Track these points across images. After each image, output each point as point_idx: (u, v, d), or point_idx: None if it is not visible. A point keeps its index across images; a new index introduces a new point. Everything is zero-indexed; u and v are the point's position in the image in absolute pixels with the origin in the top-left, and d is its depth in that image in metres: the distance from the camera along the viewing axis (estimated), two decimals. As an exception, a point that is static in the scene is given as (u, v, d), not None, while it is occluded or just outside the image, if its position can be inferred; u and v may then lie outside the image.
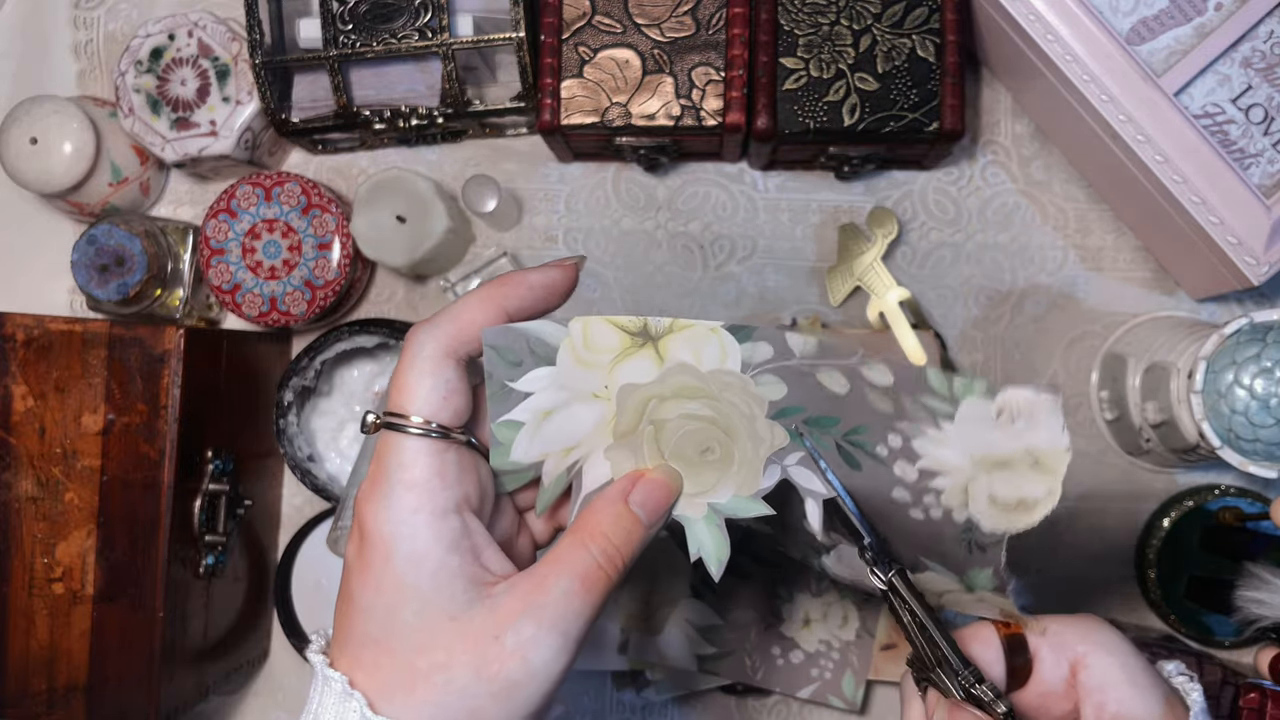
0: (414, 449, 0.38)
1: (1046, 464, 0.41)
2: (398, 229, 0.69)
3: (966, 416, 0.41)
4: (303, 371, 0.68)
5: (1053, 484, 0.41)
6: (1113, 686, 0.41)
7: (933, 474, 0.42)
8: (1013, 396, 0.41)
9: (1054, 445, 0.41)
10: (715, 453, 0.42)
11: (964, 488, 0.42)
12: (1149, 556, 0.70)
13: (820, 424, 0.42)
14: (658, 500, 0.41)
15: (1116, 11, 0.63)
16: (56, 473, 0.61)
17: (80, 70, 0.78)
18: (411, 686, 0.36)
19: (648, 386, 0.41)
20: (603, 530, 0.39)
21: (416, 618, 0.37)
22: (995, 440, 0.41)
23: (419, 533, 0.37)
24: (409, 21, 0.68)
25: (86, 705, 0.62)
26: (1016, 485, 0.41)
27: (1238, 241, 0.62)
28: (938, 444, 0.42)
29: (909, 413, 0.42)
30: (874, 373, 0.42)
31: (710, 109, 0.66)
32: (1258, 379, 0.60)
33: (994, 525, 0.42)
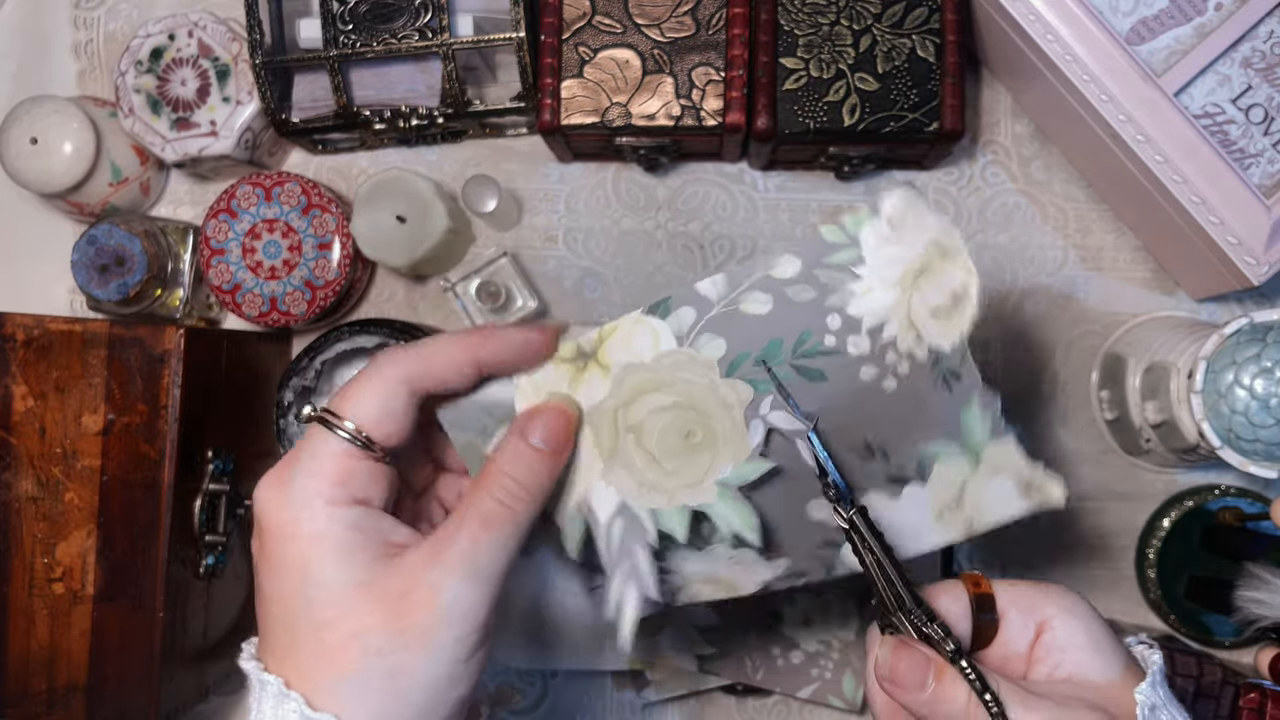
0: (331, 448, 0.38)
1: (948, 246, 0.42)
2: (398, 229, 0.69)
3: (870, 246, 0.42)
4: (303, 371, 0.68)
5: (964, 261, 0.42)
6: (1074, 649, 0.41)
7: (878, 328, 0.42)
8: (888, 203, 0.42)
9: (941, 226, 0.42)
10: (697, 434, 0.42)
11: (907, 320, 0.42)
12: (1149, 556, 0.70)
13: (769, 357, 0.42)
14: (555, 427, 0.41)
15: (1116, 11, 0.63)
16: (56, 473, 0.61)
17: (80, 70, 0.78)
18: (330, 662, 0.36)
19: (607, 400, 0.42)
20: (502, 469, 0.40)
21: (321, 592, 0.37)
22: (901, 254, 0.42)
23: (317, 514, 0.37)
24: (409, 21, 0.68)
25: (86, 705, 0.62)
26: (941, 283, 0.42)
27: (1238, 241, 0.62)
28: (865, 294, 0.42)
29: (828, 283, 0.42)
30: (781, 268, 0.42)
31: (710, 109, 0.66)
32: (1258, 379, 0.60)
33: (948, 338, 0.42)
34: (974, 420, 0.43)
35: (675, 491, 0.43)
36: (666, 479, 0.43)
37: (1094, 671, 0.41)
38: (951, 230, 0.42)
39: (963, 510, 0.44)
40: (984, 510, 0.44)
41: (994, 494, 0.44)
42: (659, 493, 0.43)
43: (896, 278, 0.42)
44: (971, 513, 0.44)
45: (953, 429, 0.44)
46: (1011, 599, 0.43)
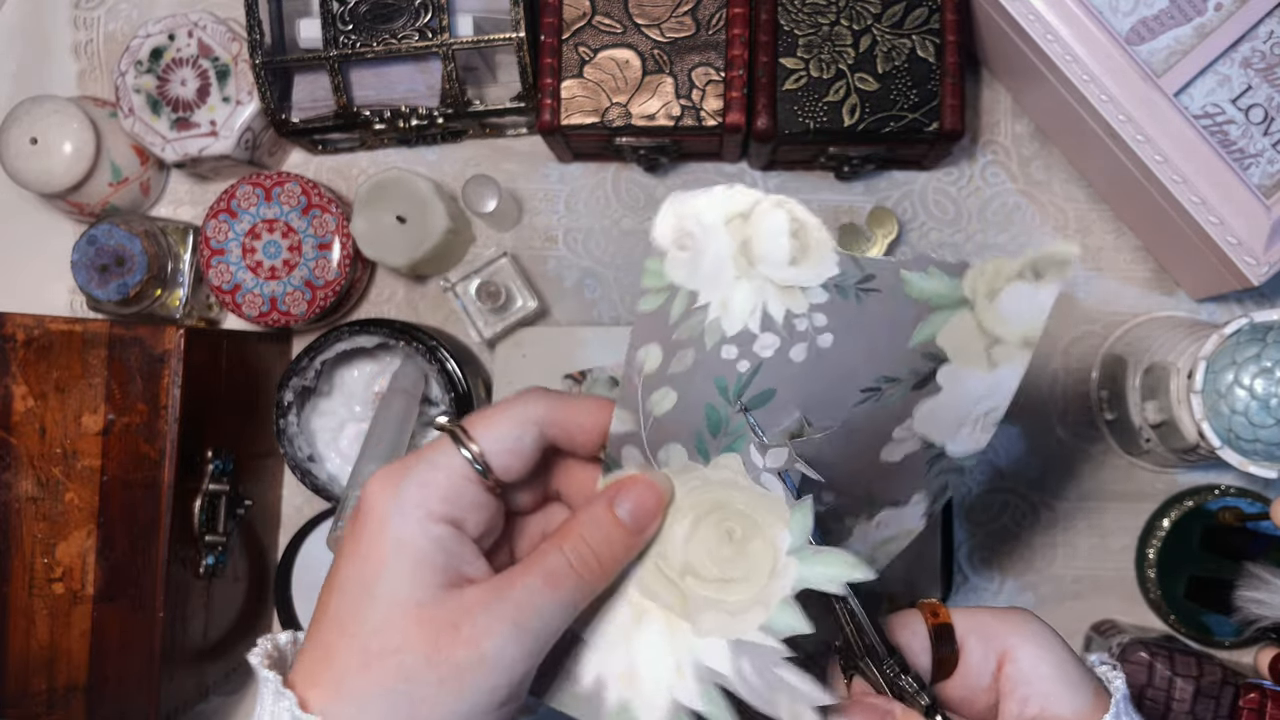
0: (450, 463, 0.39)
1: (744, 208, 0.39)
2: (398, 229, 0.69)
3: (685, 278, 0.40)
4: (303, 371, 0.68)
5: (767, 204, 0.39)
6: (1039, 680, 0.40)
7: (767, 318, 0.40)
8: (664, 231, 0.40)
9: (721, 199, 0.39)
10: (735, 529, 0.40)
11: (777, 289, 0.40)
12: (1149, 556, 0.70)
13: (714, 425, 0.41)
14: (643, 502, 0.40)
15: (1116, 11, 0.63)
16: (56, 473, 0.61)
17: (80, 70, 0.78)
18: (366, 671, 0.36)
19: (643, 568, 0.41)
20: (579, 532, 0.39)
21: (383, 600, 0.37)
22: (716, 253, 0.40)
23: (411, 522, 0.38)
24: (409, 21, 0.68)
25: (86, 705, 0.62)
26: (769, 238, 0.39)
27: (1238, 241, 0.62)
28: (725, 310, 0.40)
29: (692, 335, 0.40)
30: (649, 362, 0.40)
31: (710, 109, 0.66)
32: (1258, 379, 0.60)
33: (824, 266, 0.39)
34: (924, 286, 0.40)
35: (764, 594, 0.40)
36: (747, 587, 0.40)
37: (1062, 704, 0.39)
38: (732, 193, 0.39)
39: (1003, 340, 0.40)
40: (1021, 323, 0.40)
41: (1013, 307, 0.40)
42: (754, 606, 0.40)
43: (732, 273, 0.39)
44: (1013, 334, 0.40)
45: (918, 311, 0.40)
46: (970, 628, 0.41)
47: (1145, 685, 0.63)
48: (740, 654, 0.39)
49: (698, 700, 0.39)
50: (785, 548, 0.40)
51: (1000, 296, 0.39)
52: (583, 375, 0.70)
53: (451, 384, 0.68)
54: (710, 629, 0.40)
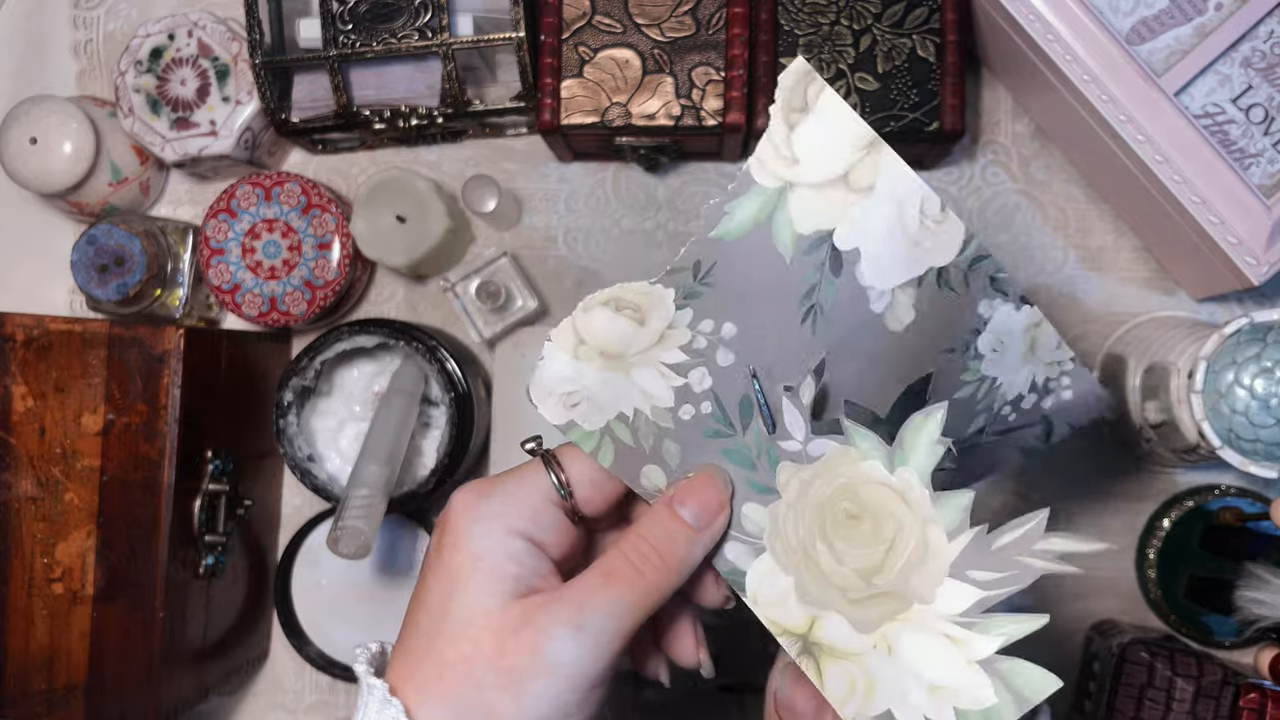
0: (537, 485, 0.40)
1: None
2: (398, 229, 0.69)
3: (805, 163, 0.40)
4: (303, 371, 0.68)
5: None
6: None
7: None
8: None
9: None
10: (845, 505, 0.39)
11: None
12: (1149, 556, 0.70)
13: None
14: (703, 499, 0.40)
15: (1116, 11, 0.63)
16: (56, 473, 0.61)
17: (80, 70, 0.78)
18: (440, 675, 0.37)
19: (806, 583, 0.40)
20: (638, 530, 0.39)
21: (458, 610, 0.37)
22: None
23: (491, 535, 0.38)
24: (409, 21, 0.68)
25: (86, 705, 0.62)
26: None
27: (1238, 241, 0.62)
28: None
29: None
30: None
31: (710, 109, 0.66)
32: (1258, 379, 0.60)
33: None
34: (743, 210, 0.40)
35: (919, 516, 0.39)
36: (907, 534, 0.39)
37: None
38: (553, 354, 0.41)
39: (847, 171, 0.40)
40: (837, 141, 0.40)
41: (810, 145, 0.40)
42: (928, 530, 0.38)
43: (620, 380, 0.41)
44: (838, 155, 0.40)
45: (764, 236, 0.40)
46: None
47: (1145, 685, 0.63)
48: (964, 572, 0.38)
49: (988, 640, 0.37)
50: (885, 470, 0.39)
51: (798, 153, 0.40)
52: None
53: (451, 384, 0.68)
54: (929, 586, 0.38)
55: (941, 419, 0.38)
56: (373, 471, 0.63)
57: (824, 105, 0.39)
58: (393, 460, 0.65)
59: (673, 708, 0.72)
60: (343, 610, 0.72)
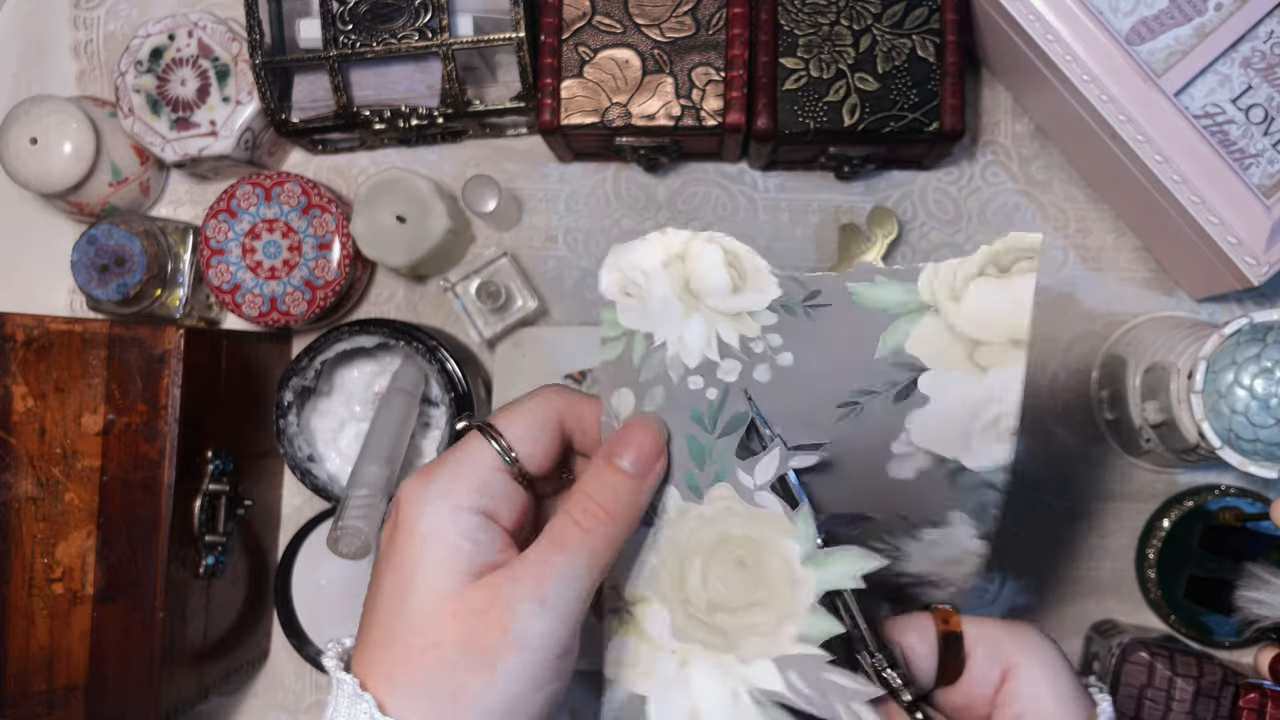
0: (479, 458, 0.39)
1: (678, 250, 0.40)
2: (398, 229, 0.69)
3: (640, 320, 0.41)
4: (303, 371, 0.68)
5: (699, 240, 0.40)
6: (1037, 698, 0.40)
7: (719, 343, 0.41)
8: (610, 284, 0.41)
9: (656, 245, 0.40)
10: (744, 554, 0.41)
11: (727, 316, 0.41)
12: (1149, 556, 0.70)
13: (700, 455, 0.41)
14: (641, 446, 0.40)
15: (1116, 11, 0.63)
16: (56, 473, 0.61)
17: (80, 70, 0.78)
18: (409, 669, 0.37)
19: (676, 618, 0.41)
20: (583, 489, 0.39)
21: (419, 597, 0.37)
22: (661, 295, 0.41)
23: (441, 515, 0.38)
24: (409, 21, 0.68)
25: (86, 705, 0.62)
26: (708, 272, 0.40)
27: (1238, 241, 0.62)
28: (681, 345, 0.41)
29: (657, 373, 0.41)
30: (619, 407, 0.42)
31: (710, 109, 0.66)
32: (1258, 379, 0.60)
33: (765, 291, 0.40)
34: (875, 295, 0.39)
35: (791, 605, 0.40)
36: (773, 605, 0.41)
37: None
38: (665, 238, 0.40)
39: (986, 342, 0.39)
40: (996, 322, 0.38)
41: (982, 308, 0.38)
42: (784, 620, 0.40)
43: (680, 311, 0.41)
44: (993, 335, 0.39)
45: (876, 320, 0.40)
46: (980, 638, 0.42)
47: (1145, 685, 0.63)
48: (787, 669, 0.40)
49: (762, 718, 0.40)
50: (798, 558, 0.40)
51: (966, 297, 0.38)
52: (583, 375, 0.70)
53: (451, 384, 0.68)
54: (753, 653, 0.40)
55: (873, 568, 0.40)
56: (373, 471, 0.63)
57: (1020, 284, 0.38)
58: (393, 460, 0.65)
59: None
60: (343, 610, 0.72)
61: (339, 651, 0.40)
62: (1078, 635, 0.72)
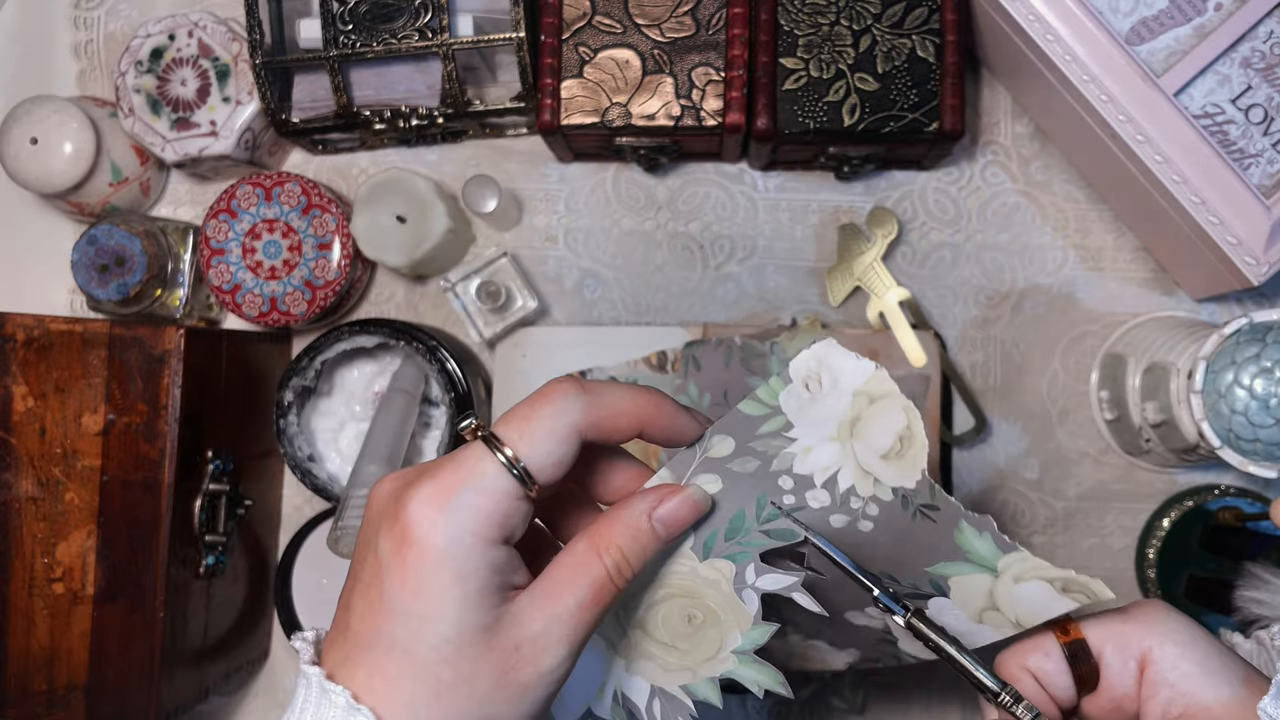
0: (497, 482, 0.38)
1: (876, 391, 0.42)
2: (398, 229, 0.69)
3: (794, 410, 0.42)
4: (303, 371, 0.68)
5: (897, 401, 0.42)
6: (1182, 678, 0.39)
7: (831, 479, 0.43)
8: (801, 367, 0.42)
9: (864, 372, 0.42)
10: (698, 616, 0.43)
11: (858, 468, 0.42)
12: (1149, 556, 0.70)
13: (734, 531, 0.43)
14: (681, 518, 0.41)
15: (1116, 11, 0.63)
16: (56, 473, 0.61)
17: (80, 70, 0.78)
18: (436, 696, 0.37)
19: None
20: (617, 543, 0.40)
21: (453, 630, 0.37)
22: (828, 410, 0.42)
23: (472, 552, 0.37)
24: (409, 21, 0.68)
25: (86, 705, 0.62)
26: (880, 428, 0.42)
27: (1237, 241, 0.62)
28: (806, 453, 0.43)
29: (767, 450, 0.43)
30: (717, 448, 0.43)
31: (710, 109, 0.66)
32: (1257, 379, 0.60)
33: (907, 477, 0.42)
34: (972, 541, 0.42)
35: (697, 667, 0.43)
36: (685, 658, 0.43)
37: (1207, 697, 0.39)
38: (877, 375, 0.41)
39: (1003, 613, 0.43)
40: (1027, 611, 0.43)
41: (1029, 596, 0.42)
42: (683, 671, 0.44)
43: (832, 433, 0.42)
44: (1013, 614, 0.43)
45: (953, 551, 0.43)
46: (1105, 637, 0.41)
47: (1145, 685, 0.63)
48: (656, 697, 0.44)
49: (608, 714, 0.44)
50: (732, 647, 0.43)
51: (1023, 585, 0.42)
52: (582, 375, 0.70)
53: (451, 384, 0.68)
54: (640, 671, 0.44)
55: (778, 692, 0.43)
56: (373, 471, 0.63)
57: (1066, 600, 0.42)
58: (393, 460, 0.65)
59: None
60: (343, 610, 0.72)
61: (312, 656, 0.39)
62: (1078, 635, 0.72)
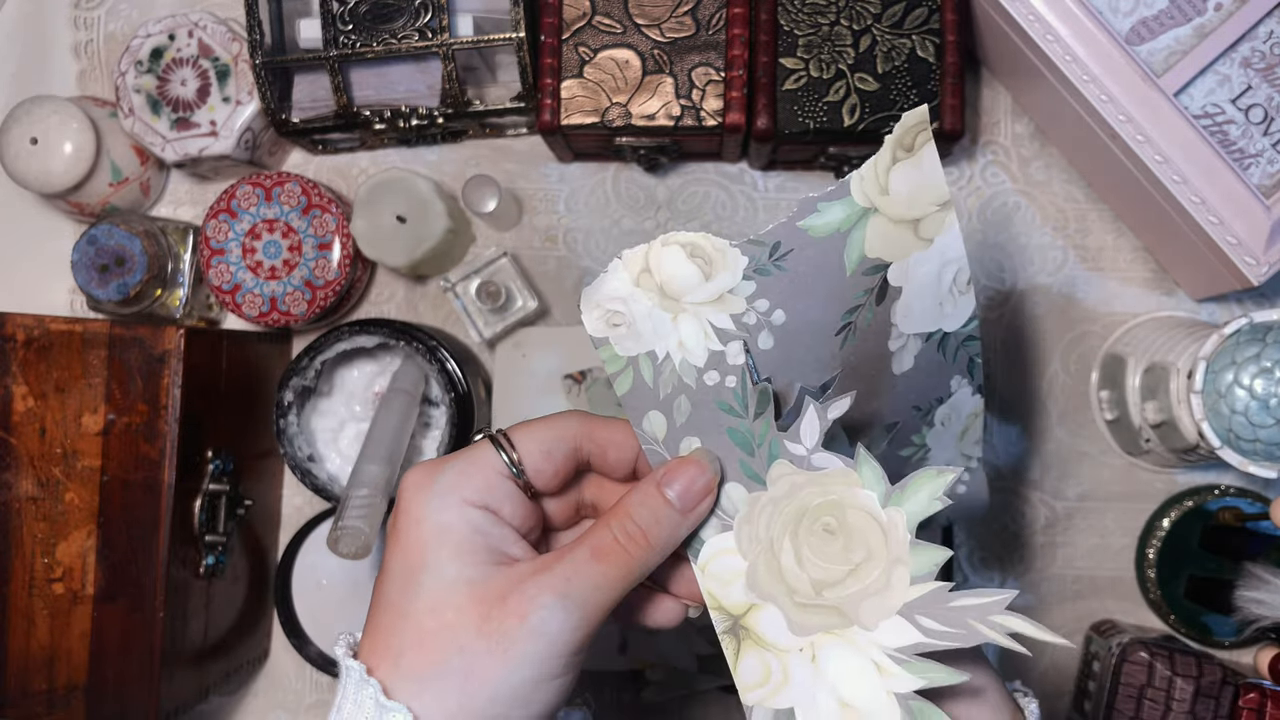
0: (489, 462, 0.41)
1: (638, 263, 0.41)
2: (398, 229, 0.69)
3: (636, 345, 0.42)
4: (303, 371, 0.68)
5: (654, 248, 0.41)
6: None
7: (719, 350, 0.42)
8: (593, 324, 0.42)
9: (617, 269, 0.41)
10: (828, 520, 0.40)
11: (710, 305, 0.41)
12: (1149, 556, 0.70)
13: (746, 446, 0.42)
14: (690, 482, 0.41)
15: (1116, 12, 0.63)
16: (57, 473, 0.61)
17: (80, 70, 0.78)
18: (422, 649, 0.37)
19: (790, 609, 0.41)
20: (627, 510, 0.40)
21: (432, 580, 0.38)
22: (644, 313, 0.42)
23: (449, 508, 0.39)
24: (409, 21, 0.68)
25: (86, 705, 0.62)
26: (674, 272, 0.41)
27: (1237, 241, 0.62)
28: (680, 347, 0.42)
29: (672, 388, 0.42)
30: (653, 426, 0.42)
31: (710, 109, 0.66)
32: (1257, 379, 0.60)
33: (735, 265, 0.41)
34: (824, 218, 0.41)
35: (893, 555, 0.39)
36: (875, 560, 0.40)
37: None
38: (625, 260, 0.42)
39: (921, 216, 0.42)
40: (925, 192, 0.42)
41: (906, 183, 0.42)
42: (894, 567, 0.39)
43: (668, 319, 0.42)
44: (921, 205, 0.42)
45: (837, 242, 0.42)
46: None
47: (1145, 685, 0.63)
48: (913, 614, 0.39)
49: (911, 679, 0.38)
50: (878, 504, 0.40)
51: (891, 186, 0.42)
52: (583, 375, 0.70)
53: (451, 384, 0.68)
54: (875, 616, 0.39)
55: (951, 482, 0.40)
56: (373, 471, 0.63)
57: (925, 155, 0.42)
58: (393, 460, 0.65)
59: (673, 708, 0.72)
60: (343, 610, 0.72)
61: (349, 642, 0.41)
62: (1078, 635, 0.72)
